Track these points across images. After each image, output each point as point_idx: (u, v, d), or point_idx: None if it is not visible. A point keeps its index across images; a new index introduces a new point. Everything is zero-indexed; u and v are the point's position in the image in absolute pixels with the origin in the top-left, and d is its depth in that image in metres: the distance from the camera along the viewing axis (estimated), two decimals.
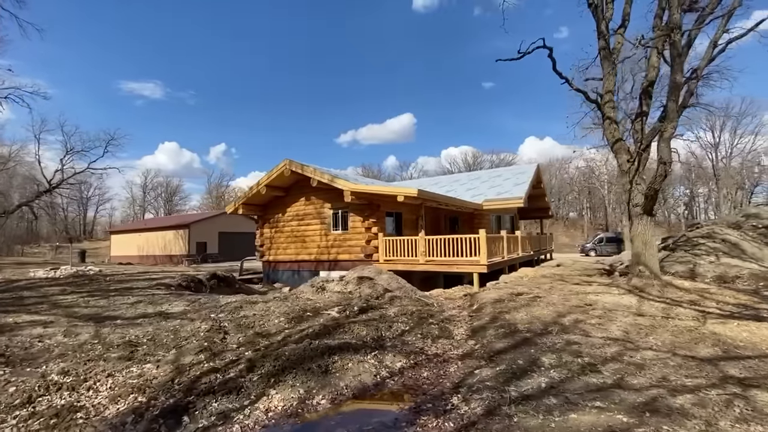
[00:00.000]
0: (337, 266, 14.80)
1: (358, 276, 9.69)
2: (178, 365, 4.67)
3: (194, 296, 8.42)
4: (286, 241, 16.43)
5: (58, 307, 7.10)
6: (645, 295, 7.55)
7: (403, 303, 8.19)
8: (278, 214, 16.79)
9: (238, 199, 16.74)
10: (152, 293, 8.41)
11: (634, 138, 8.70)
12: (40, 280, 9.89)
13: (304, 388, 4.24)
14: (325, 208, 15.31)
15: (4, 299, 7.69)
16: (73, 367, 4.56)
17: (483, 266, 11.71)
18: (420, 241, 13.00)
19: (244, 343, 5.48)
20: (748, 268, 9.56)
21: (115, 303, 7.56)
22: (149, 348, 5.27)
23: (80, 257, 27.05)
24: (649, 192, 7.89)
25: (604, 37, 8.86)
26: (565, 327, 5.83)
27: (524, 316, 6.55)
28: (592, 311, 6.65)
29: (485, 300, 8.09)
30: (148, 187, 66.77)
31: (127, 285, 9.34)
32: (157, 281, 9.80)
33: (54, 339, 5.47)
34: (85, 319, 6.47)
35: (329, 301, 8.16)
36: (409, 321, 6.91)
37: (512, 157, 62.40)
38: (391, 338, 6.03)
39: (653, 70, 8.36)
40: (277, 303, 7.79)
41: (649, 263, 8.22)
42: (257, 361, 4.71)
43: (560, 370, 4.33)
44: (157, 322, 6.42)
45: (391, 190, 12.77)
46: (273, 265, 16.91)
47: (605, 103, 9.04)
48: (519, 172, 19.89)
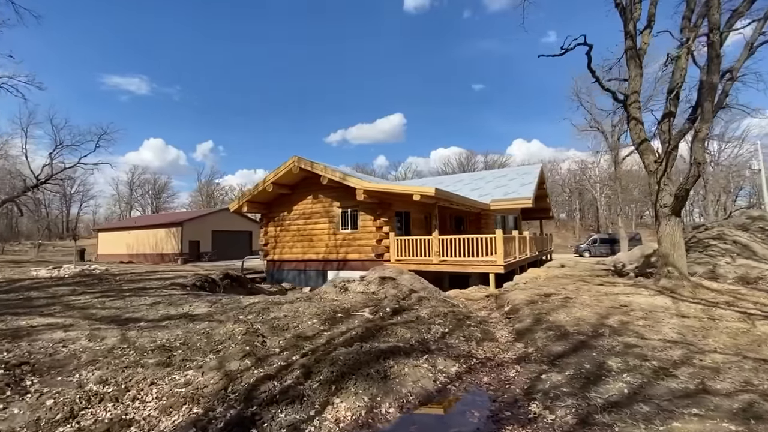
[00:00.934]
0: (346, 266, 14.51)
1: (380, 276, 9.44)
2: (226, 372, 4.34)
3: (213, 297, 8.03)
4: (292, 240, 16.04)
5: (73, 309, 6.64)
6: (677, 296, 7.51)
7: (432, 304, 7.98)
8: (284, 213, 16.39)
9: (242, 196, 16.27)
10: (169, 294, 7.99)
11: (661, 139, 8.67)
12: (44, 280, 9.29)
13: (367, 395, 3.97)
14: (333, 206, 14.99)
15: (11, 300, 7.17)
16: (111, 376, 4.19)
17: (500, 267, 11.59)
18: (433, 240, 12.81)
19: (287, 347, 5.17)
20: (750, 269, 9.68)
21: (132, 304, 7.13)
22: (185, 353, 4.92)
23: (79, 256, 26.02)
24: (680, 192, 7.86)
25: (631, 38, 8.81)
26: (614, 329, 5.70)
27: (566, 318, 6.40)
28: (633, 313, 6.55)
29: (516, 301, 7.94)
30: (135, 184, 65.01)
31: (140, 285, 8.86)
32: (170, 281, 9.33)
33: (78, 344, 5.06)
34: (105, 321, 6.05)
35: (356, 302, 7.88)
36: (445, 323, 6.69)
37: (505, 159, 63.07)
38: (434, 341, 5.81)
39: (681, 71, 8.34)
40: (304, 304, 7.48)
41: (677, 264, 8.19)
42: (312, 366, 4.42)
43: (633, 374, 4.17)
44: (184, 324, 6.05)
45: (407, 189, 12.55)
46: (278, 265, 16.49)
47: (631, 103, 9.00)
48: (524, 173, 19.91)
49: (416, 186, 12.66)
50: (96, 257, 35.23)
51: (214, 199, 67.17)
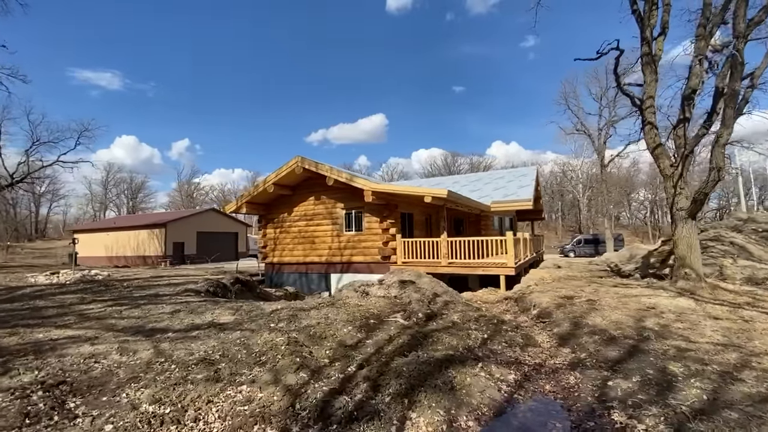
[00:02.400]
0: (351, 269, 14.27)
1: (399, 280, 9.28)
2: (285, 386, 4.09)
3: (232, 304, 7.67)
4: (293, 242, 15.65)
5: (89, 319, 6.17)
6: (698, 297, 7.69)
7: (459, 308, 7.89)
8: (284, 214, 15.97)
9: (241, 197, 15.74)
10: (185, 301, 7.56)
11: (676, 143, 8.90)
12: (45, 287, 8.60)
13: (441, 408, 3.82)
14: (337, 208, 14.71)
15: (18, 311, 6.59)
16: (163, 394, 3.87)
17: (511, 268, 11.64)
18: (442, 242, 12.74)
19: (337, 357, 4.94)
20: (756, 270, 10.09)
21: (151, 313, 6.70)
22: (230, 366, 4.62)
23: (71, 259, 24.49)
24: (698, 196, 8.07)
25: (647, 44, 9.01)
26: (656, 332, 5.75)
27: (603, 321, 6.43)
28: (665, 315, 6.65)
29: (543, 304, 7.95)
30: (110, 183, 62.17)
31: (151, 292, 8.34)
32: (181, 287, 8.84)
33: (111, 358, 4.68)
34: (129, 332, 5.64)
35: (381, 307, 7.70)
36: (481, 328, 6.60)
37: (489, 161, 64.01)
38: (478, 347, 5.70)
39: (696, 77, 8.57)
40: (331, 310, 7.23)
41: (694, 266, 8.41)
42: (377, 379, 4.22)
43: (700, 379, 4.18)
44: (215, 334, 5.72)
45: (418, 190, 12.43)
46: (277, 268, 16.05)
47: (646, 108, 9.20)
48: (520, 175, 20.17)
49: (427, 188, 12.55)
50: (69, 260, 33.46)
51: (194, 199, 65.13)
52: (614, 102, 28.02)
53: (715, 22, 8.42)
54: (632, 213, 59.02)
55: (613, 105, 28.01)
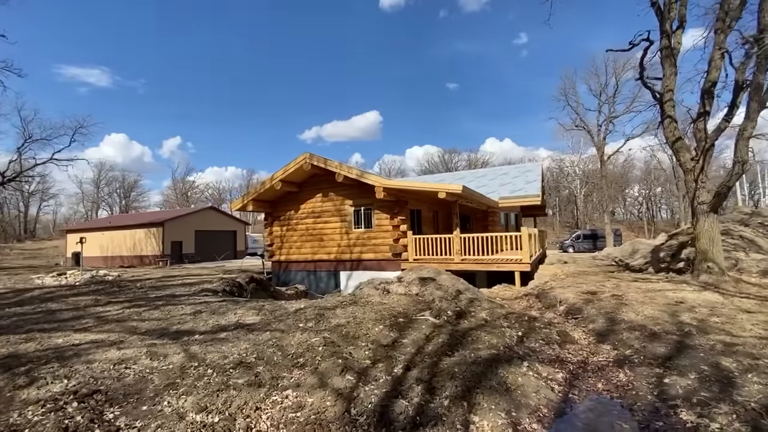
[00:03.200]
0: (360, 266, 14.07)
1: (419, 277, 9.11)
2: (335, 390, 3.90)
3: (253, 303, 7.44)
4: (300, 239, 15.39)
5: (108, 322, 5.89)
6: (723, 291, 7.65)
7: (485, 306, 7.75)
8: (290, 211, 15.69)
9: (246, 194, 15.43)
10: (204, 301, 7.31)
11: (696, 137, 8.83)
12: (55, 289, 8.24)
13: (501, 410, 3.66)
14: (345, 204, 14.48)
15: (30, 314, 6.28)
16: (208, 402, 3.66)
17: (526, 264, 11.53)
18: (455, 239, 12.61)
19: (379, 358, 4.76)
20: None
21: (171, 314, 6.44)
22: (269, 369, 4.41)
23: (75, 260, 24.13)
24: (722, 189, 8.01)
25: (667, 37, 8.91)
26: (696, 327, 5.66)
27: (637, 317, 6.33)
28: (697, 309, 6.57)
29: (570, 300, 7.84)
30: (102, 182, 60.94)
31: (167, 292, 8.06)
32: (197, 286, 8.56)
33: (141, 364, 4.44)
34: (155, 335, 5.40)
35: (405, 304, 7.52)
36: (515, 325, 6.47)
37: (487, 158, 64.05)
38: (516, 345, 5.57)
39: (715, 70, 8.50)
40: (357, 309, 7.04)
41: (717, 260, 8.37)
42: (431, 381, 4.04)
43: (757, 374, 4.08)
44: (244, 335, 5.50)
45: (431, 186, 12.25)
46: (284, 266, 15.79)
47: (666, 101, 9.12)
48: (526, 170, 20.12)
49: (440, 183, 12.39)
50: (65, 260, 32.76)
51: (189, 197, 64.21)
52: (613, 98, 28.17)
53: (733, 15, 8.34)
54: (626, 208, 59.59)
55: (613, 101, 28.17)
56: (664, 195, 55.94)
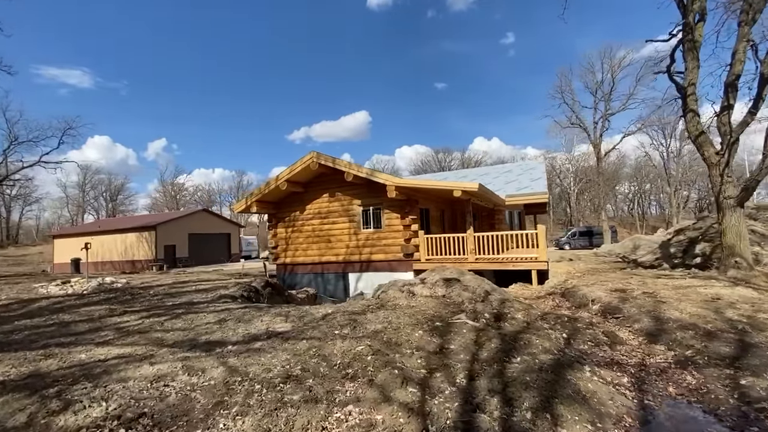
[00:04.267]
0: (370, 267, 13.75)
1: (443, 278, 8.83)
2: (402, 404, 3.58)
3: (277, 309, 7.06)
4: (306, 241, 14.98)
5: (130, 334, 5.46)
6: (756, 286, 7.57)
7: (516, 307, 7.50)
8: (295, 212, 15.27)
9: (250, 195, 14.95)
10: (226, 308, 6.90)
11: (720, 131, 8.76)
12: (63, 298, 7.68)
13: (586, 422, 3.40)
14: (353, 204, 14.13)
15: (42, 327, 5.79)
16: (269, 423, 3.30)
17: (543, 263, 11.38)
18: (469, 238, 12.38)
19: (435, 366, 4.45)
20: None
21: (195, 323, 6.03)
22: (319, 382, 4.08)
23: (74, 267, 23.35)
24: (750, 183, 7.94)
25: (690, 30, 8.82)
26: (749, 324, 5.50)
27: (682, 315, 6.16)
28: (738, 305, 6.44)
29: (601, 299, 7.65)
30: (88, 185, 59.11)
31: (183, 299, 7.60)
32: (213, 292, 8.12)
33: (179, 380, 4.05)
34: (185, 347, 5.00)
35: (435, 307, 7.24)
36: (556, 327, 6.24)
37: (480, 156, 64.24)
38: (566, 348, 5.33)
39: (739, 63, 8.44)
40: (387, 313, 6.73)
41: (744, 255, 8.30)
42: (503, 391, 3.76)
43: None
44: (280, 345, 5.14)
45: (446, 184, 12.01)
46: (290, 268, 15.36)
47: (689, 95, 9.03)
48: (529, 168, 20.06)
49: (455, 181, 12.14)
50: (52, 267, 31.59)
51: (178, 200, 62.78)
52: (609, 95, 28.40)
53: (758, 8, 8.28)
54: (617, 205, 60.43)
55: (608, 98, 28.40)
56: (654, 191, 56.94)
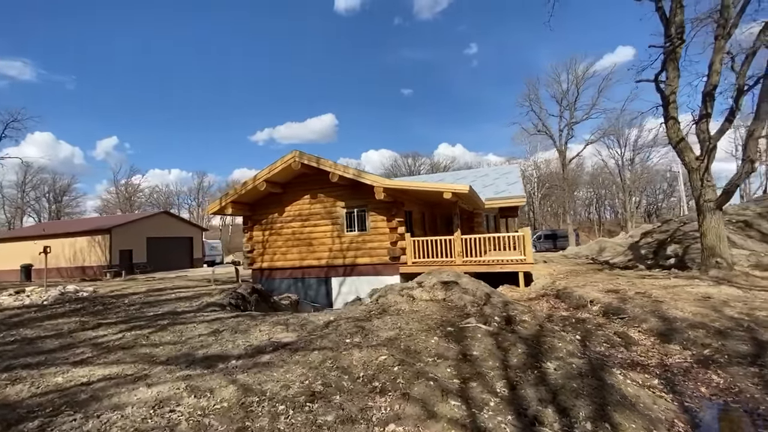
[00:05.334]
0: (355, 271, 13.31)
1: (440, 281, 8.60)
2: (452, 420, 3.25)
3: (274, 318, 6.49)
4: (286, 245, 14.28)
5: (112, 350, 4.71)
6: (738, 285, 7.95)
7: (519, 309, 7.41)
8: (274, 214, 14.53)
9: (225, 196, 14.03)
10: (217, 317, 6.22)
11: (699, 138, 9.23)
12: (21, 310, 6.50)
13: (642, 428, 3.24)
14: (337, 206, 13.65)
15: (1, 345, 4.84)
16: None
17: (530, 265, 11.48)
18: (456, 240, 12.30)
19: (467, 376, 4.15)
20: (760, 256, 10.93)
21: (186, 336, 5.35)
22: (348, 399, 3.67)
23: (25, 275, 20.96)
24: (730, 188, 8.38)
25: (671, 41, 9.25)
26: (753, 322, 5.67)
27: (684, 314, 6.28)
28: (732, 304, 6.69)
29: (600, 300, 7.72)
30: (28, 185, 53.58)
31: (165, 308, 6.76)
32: (198, 300, 7.31)
33: (186, 404, 3.49)
34: (182, 364, 4.38)
35: (440, 311, 6.98)
36: (567, 329, 6.18)
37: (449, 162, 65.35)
38: (586, 351, 5.24)
39: (716, 74, 8.94)
40: (395, 318, 6.39)
41: (724, 255, 8.74)
42: (553, 400, 3.53)
43: None
44: (290, 357, 4.65)
45: (437, 186, 11.84)
46: (267, 274, 14.56)
47: (670, 104, 9.45)
48: (505, 172, 20.46)
49: (444, 183, 12.00)
50: None
51: (133, 202, 58.58)
52: (574, 105, 29.83)
53: (733, 23, 8.81)
54: (576, 210, 63.67)
55: (573, 107, 29.84)
56: (608, 197, 60.55)
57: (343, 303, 13.37)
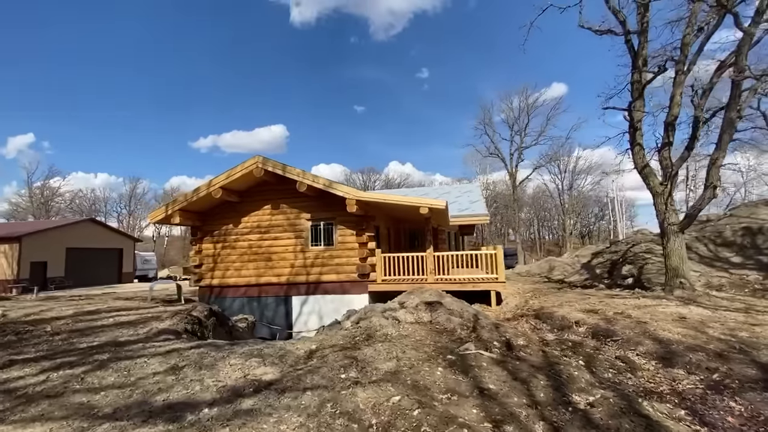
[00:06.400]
0: (319, 289, 12.34)
1: (424, 301, 8.03)
2: None
3: (242, 347, 5.43)
4: (241, 259, 12.93)
5: (34, 401, 3.44)
6: (705, 305, 8.29)
7: (511, 332, 7.05)
8: (228, 225, 13.15)
9: (172, 203, 12.41)
10: (173, 348, 5.01)
11: (662, 164, 9.77)
12: None
13: None
14: (301, 218, 12.68)
15: None
16: None
17: (502, 283, 11.36)
18: (428, 257, 11.89)
19: (498, 417, 3.55)
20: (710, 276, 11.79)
21: (135, 374, 4.17)
22: None
23: None
24: (693, 212, 8.87)
25: (639, 72, 9.81)
26: (743, 342, 5.75)
27: (674, 336, 6.26)
28: (710, 324, 6.86)
29: (585, 321, 7.60)
30: None
31: (104, 338, 5.27)
32: (141, 326, 5.89)
33: None
34: (136, 418, 3.30)
35: (429, 335, 6.39)
36: (567, 353, 5.88)
37: (404, 179, 66.16)
38: (594, 377, 4.93)
39: (677, 106, 9.59)
40: (385, 345, 5.66)
41: (687, 276, 9.17)
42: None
43: None
44: (277, 400, 3.76)
45: (413, 201, 11.38)
46: (217, 291, 13.03)
47: (636, 131, 9.94)
48: (466, 191, 20.72)
49: (419, 197, 11.56)
50: None
51: (50, 207, 51.41)
52: (524, 131, 31.64)
53: (692, 61, 9.54)
54: (519, 230, 67.30)
55: (524, 133, 31.65)
56: (548, 218, 64.82)
57: (304, 324, 12.30)
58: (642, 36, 9.47)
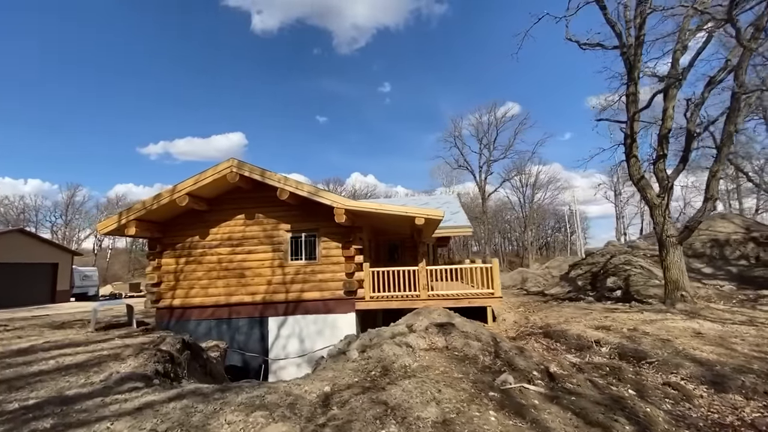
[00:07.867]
0: (299, 308, 11.11)
1: (435, 323, 7.19)
2: None
3: (236, 395, 4.25)
4: (208, 276, 11.40)
5: None
6: (711, 318, 8.16)
7: (536, 356, 6.39)
8: (194, 237, 11.60)
9: (128, 210, 10.68)
10: (144, 402, 3.72)
11: (658, 177, 9.75)
12: None
13: None
14: (280, 230, 11.46)
15: None
16: None
17: (498, 299, 10.78)
18: (421, 272, 11.11)
19: None
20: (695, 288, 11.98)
21: None
22: None
23: None
24: (692, 224, 8.81)
25: (634, 84, 9.81)
26: None
27: (710, 356, 5.90)
28: (730, 339, 6.62)
29: (608, 341, 7.11)
30: None
31: (42, 391, 3.79)
32: (97, 369, 4.43)
33: None
34: None
35: (452, 364, 5.57)
36: (613, 381, 5.28)
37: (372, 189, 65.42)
38: (657, 409, 4.33)
39: (670, 120, 9.66)
40: (415, 383, 4.74)
41: (687, 289, 9.07)
42: None
43: None
44: None
45: (409, 210, 10.54)
46: (179, 314, 11.36)
47: (631, 143, 9.90)
48: (445, 202, 20.34)
49: (416, 207, 10.74)
50: None
51: None
52: (493, 145, 32.25)
53: (683, 77, 9.68)
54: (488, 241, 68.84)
55: (492, 147, 32.26)
56: (507, 230, 66.76)
57: (282, 349, 10.98)
58: (638, 49, 9.51)
